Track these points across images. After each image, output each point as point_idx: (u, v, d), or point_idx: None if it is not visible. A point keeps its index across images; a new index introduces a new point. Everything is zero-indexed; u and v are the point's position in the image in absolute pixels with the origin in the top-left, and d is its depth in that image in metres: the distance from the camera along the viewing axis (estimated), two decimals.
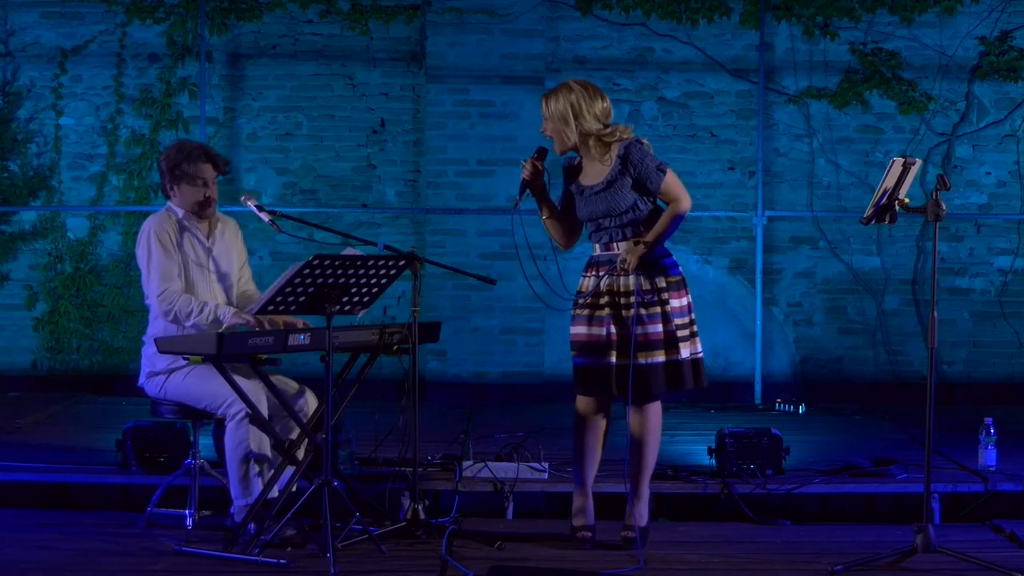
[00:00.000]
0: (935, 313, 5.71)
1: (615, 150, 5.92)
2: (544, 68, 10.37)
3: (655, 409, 5.99)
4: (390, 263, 5.98)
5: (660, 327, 5.91)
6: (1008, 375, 10.58)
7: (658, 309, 5.91)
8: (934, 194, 5.68)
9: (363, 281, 5.94)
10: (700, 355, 6.02)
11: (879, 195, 5.71)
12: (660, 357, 5.91)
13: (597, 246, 6.01)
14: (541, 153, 5.96)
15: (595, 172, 5.96)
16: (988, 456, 7.08)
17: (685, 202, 5.91)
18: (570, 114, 5.88)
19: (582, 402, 6.02)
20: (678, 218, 5.91)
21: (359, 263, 5.85)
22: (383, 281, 6.03)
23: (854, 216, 10.13)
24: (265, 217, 6.19)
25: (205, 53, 10.31)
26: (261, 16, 10.45)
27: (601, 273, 5.94)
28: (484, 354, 10.37)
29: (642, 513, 6.03)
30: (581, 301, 5.96)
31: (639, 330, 5.87)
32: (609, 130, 5.94)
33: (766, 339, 10.38)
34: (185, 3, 10.37)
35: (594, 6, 10.43)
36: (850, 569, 5.60)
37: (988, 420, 7.12)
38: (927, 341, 5.74)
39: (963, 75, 10.54)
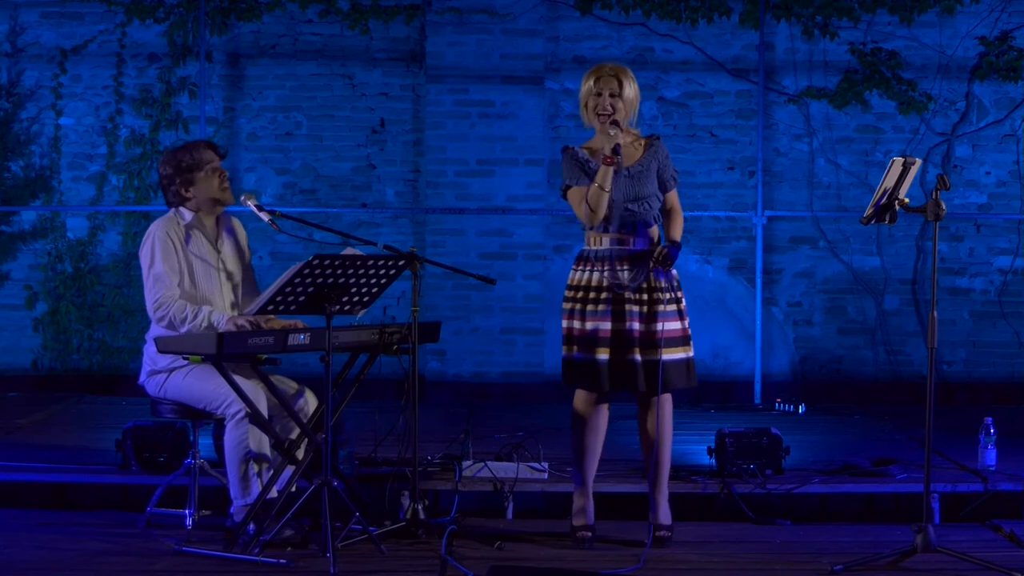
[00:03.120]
0: (935, 313, 5.71)
1: (638, 139, 6.07)
2: (544, 68, 10.36)
3: (670, 405, 6.02)
4: (390, 263, 5.98)
5: (679, 324, 5.97)
6: (1008, 375, 10.57)
7: (675, 307, 5.95)
8: (934, 194, 5.68)
9: (363, 281, 5.94)
10: None
11: (879, 195, 5.71)
12: (681, 354, 5.98)
13: (605, 239, 5.97)
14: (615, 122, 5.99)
15: (623, 155, 5.98)
16: (988, 456, 7.07)
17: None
18: (637, 100, 6.14)
19: (586, 400, 6.01)
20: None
21: (359, 263, 5.85)
22: (383, 281, 6.03)
23: (854, 216, 10.13)
24: (265, 217, 6.19)
25: (205, 53, 10.31)
26: (261, 16, 10.45)
27: (632, 267, 5.94)
28: (484, 354, 10.37)
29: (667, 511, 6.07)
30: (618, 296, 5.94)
31: (661, 327, 5.90)
32: None
33: (766, 339, 10.38)
34: (185, 3, 10.36)
35: (594, 6, 10.43)
36: (850, 569, 5.60)
37: (988, 420, 7.12)
38: (927, 341, 5.74)
39: (963, 75, 10.54)
